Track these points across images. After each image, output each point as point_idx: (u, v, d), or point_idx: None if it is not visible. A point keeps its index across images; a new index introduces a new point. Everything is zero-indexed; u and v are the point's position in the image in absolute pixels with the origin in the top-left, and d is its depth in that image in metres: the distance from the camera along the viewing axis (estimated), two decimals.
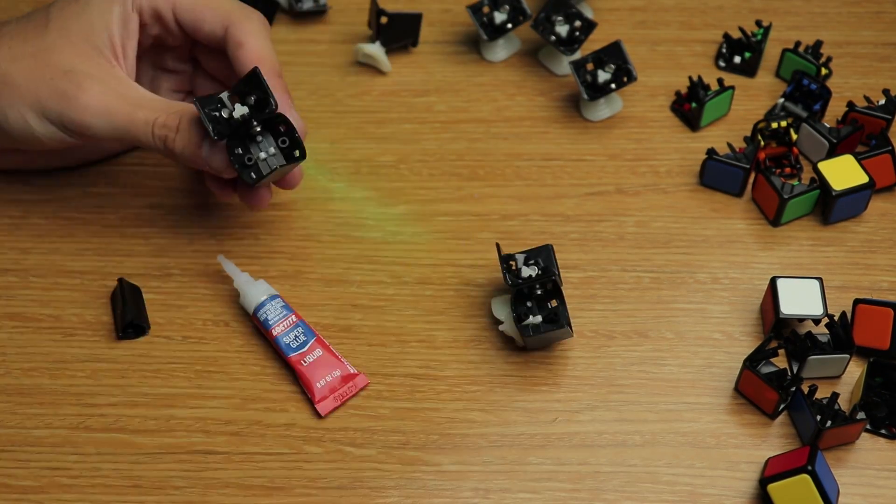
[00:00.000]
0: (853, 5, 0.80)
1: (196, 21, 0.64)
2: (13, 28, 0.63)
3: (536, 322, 0.61)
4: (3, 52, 0.62)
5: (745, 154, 0.69)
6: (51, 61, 0.61)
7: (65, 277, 0.66)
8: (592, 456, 0.60)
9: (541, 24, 0.74)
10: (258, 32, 0.63)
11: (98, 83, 0.61)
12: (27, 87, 0.61)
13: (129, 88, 0.62)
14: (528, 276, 0.61)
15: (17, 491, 0.59)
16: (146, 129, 0.60)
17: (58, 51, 0.61)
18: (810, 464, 0.56)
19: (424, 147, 0.73)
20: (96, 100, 0.60)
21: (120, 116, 0.60)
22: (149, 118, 0.60)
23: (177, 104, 0.61)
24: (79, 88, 0.60)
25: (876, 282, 0.67)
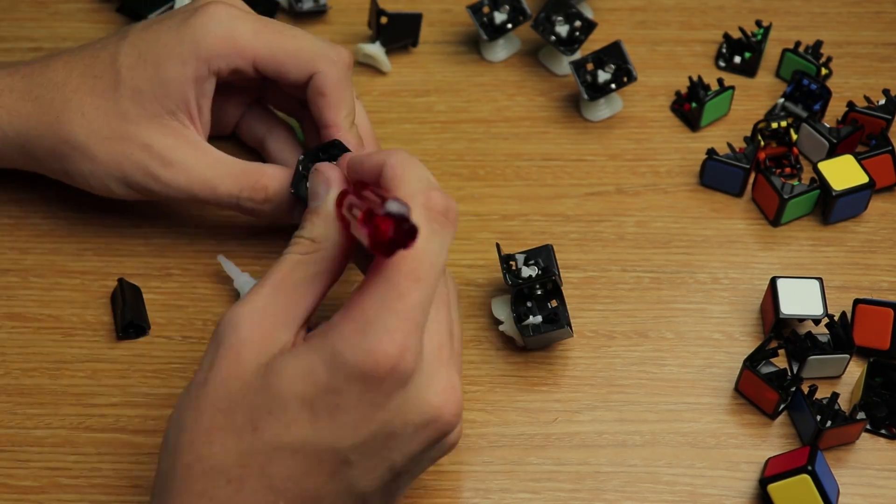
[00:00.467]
0: (853, 5, 0.80)
1: (279, 73, 0.62)
2: (79, 83, 0.62)
3: (536, 322, 0.61)
4: (75, 117, 0.61)
5: (745, 154, 0.69)
6: (128, 132, 0.61)
7: (65, 277, 0.66)
8: (592, 456, 0.60)
9: (541, 24, 0.74)
10: (339, 81, 0.61)
11: (178, 158, 0.61)
12: (108, 160, 0.61)
13: (206, 156, 0.62)
14: (528, 276, 0.61)
15: (17, 491, 0.59)
16: (231, 201, 0.62)
17: (134, 120, 0.61)
18: (810, 464, 0.56)
19: (424, 147, 0.73)
20: (178, 176, 0.61)
21: (202, 191, 0.61)
22: (232, 192, 0.61)
23: (256, 170, 0.62)
24: (161, 165, 0.61)
25: (876, 282, 0.67)
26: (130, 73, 0.61)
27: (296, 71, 0.61)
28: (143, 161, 0.61)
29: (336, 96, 0.61)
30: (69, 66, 0.63)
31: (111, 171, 0.61)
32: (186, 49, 0.60)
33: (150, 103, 0.61)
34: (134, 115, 0.61)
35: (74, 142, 0.61)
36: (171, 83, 0.60)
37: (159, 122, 0.61)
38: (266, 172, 0.62)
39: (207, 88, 0.62)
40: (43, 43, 0.78)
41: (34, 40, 0.78)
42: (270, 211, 0.62)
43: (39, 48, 0.77)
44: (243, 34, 0.61)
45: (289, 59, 0.61)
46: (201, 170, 0.61)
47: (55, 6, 0.80)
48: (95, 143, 0.61)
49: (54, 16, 0.80)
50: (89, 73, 0.62)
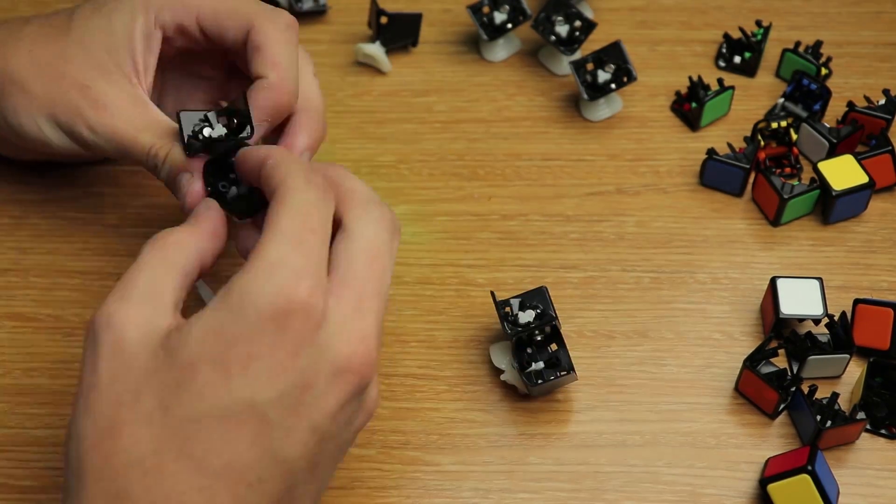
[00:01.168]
0: (853, 5, 0.80)
1: (220, 29, 0.61)
2: (35, 29, 0.62)
3: (539, 369, 0.60)
4: (23, 55, 0.61)
5: (745, 154, 0.69)
6: (69, 72, 0.60)
7: (65, 277, 0.66)
8: (592, 456, 0.60)
9: (541, 24, 0.74)
10: (279, 38, 0.59)
11: (111, 104, 0.60)
12: (43, 95, 0.61)
13: (141, 110, 0.60)
14: (526, 322, 0.60)
15: (17, 491, 0.59)
16: (142, 154, 0.59)
17: (77, 62, 0.60)
18: (810, 464, 0.56)
19: (424, 147, 0.73)
20: (106, 120, 0.60)
21: (125, 139, 0.59)
22: (146, 144, 0.59)
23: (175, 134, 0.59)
24: (93, 106, 0.60)
25: (876, 282, 0.67)
26: (83, 22, 0.61)
27: (234, 28, 0.60)
28: (76, 100, 0.60)
29: (271, 49, 0.59)
30: (27, 18, 0.64)
31: (44, 107, 0.61)
32: (137, 1, 0.60)
33: (97, 51, 0.61)
34: (80, 59, 0.61)
35: (15, 76, 0.61)
36: (118, 33, 0.60)
37: (102, 69, 0.60)
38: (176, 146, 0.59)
39: (153, 45, 0.61)
40: None
41: None
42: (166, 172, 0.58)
43: None
44: None
45: (229, 14, 0.60)
46: (129, 119, 0.59)
47: (55, 6, 0.80)
48: (34, 79, 0.61)
49: None
50: (46, 21, 0.63)
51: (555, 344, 0.60)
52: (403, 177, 0.71)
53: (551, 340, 0.60)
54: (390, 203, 0.69)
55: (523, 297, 0.61)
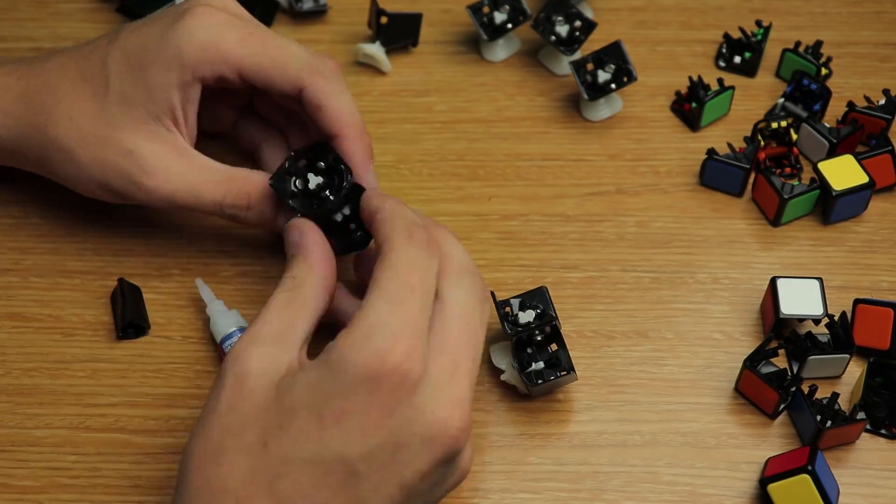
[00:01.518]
0: (853, 5, 0.80)
1: (266, 83, 0.61)
2: (71, 88, 0.62)
3: (539, 368, 0.60)
4: (64, 121, 0.61)
5: (745, 154, 0.69)
6: (112, 139, 0.61)
7: (65, 277, 0.66)
8: (592, 456, 0.60)
9: (541, 24, 0.74)
10: (334, 92, 0.61)
11: (161, 166, 0.61)
12: (92, 166, 0.61)
13: (191, 163, 0.62)
14: (526, 322, 0.60)
15: (17, 491, 0.59)
16: (214, 208, 0.62)
17: (119, 127, 0.61)
18: (810, 464, 0.56)
19: (424, 147, 0.73)
20: (160, 184, 0.61)
21: (185, 198, 0.61)
22: (215, 198, 0.61)
23: (240, 176, 0.61)
24: (143, 173, 0.61)
25: (876, 282, 0.67)
26: (118, 77, 0.61)
27: (282, 83, 0.61)
28: (125, 167, 0.61)
29: (334, 107, 0.61)
30: (63, 69, 0.63)
31: (95, 176, 0.62)
32: (170, 55, 0.60)
33: (135, 109, 0.61)
34: (120, 120, 0.61)
35: (61, 146, 0.61)
36: (156, 88, 0.60)
37: (144, 128, 0.61)
38: (251, 179, 0.61)
39: (192, 95, 0.61)
40: (43, 43, 0.78)
41: (34, 40, 0.78)
42: (254, 218, 0.62)
43: (39, 48, 0.77)
44: (228, 42, 0.60)
45: (275, 70, 0.61)
46: (184, 176, 0.61)
47: (55, 6, 0.80)
48: (81, 148, 0.61)
49: (54, 16, 0.80)
50: (80, 77, 0.62)
51: (555, 344, 0.60)
52: (403, 177, 0.71)
53: (551, 340, 0.60)
54: None
55: (523, 297, 0.61)
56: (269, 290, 0.65)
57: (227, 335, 0.62)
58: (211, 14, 0.60)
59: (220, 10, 0.61)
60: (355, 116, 0.62)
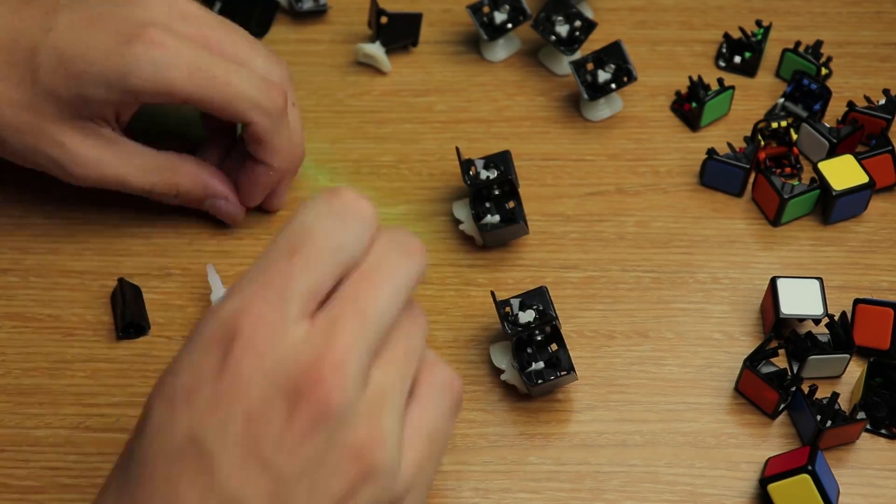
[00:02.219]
0: (853, 5, 0.80)
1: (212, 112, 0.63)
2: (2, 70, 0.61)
3: (539, 368, 0.60)
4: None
5: (745, 154, 0.69)
6: (42, 129, 0.62)
7: (65, 277, 0.66)
8: (592, 456, 0.60)
9: (541, 24, 0.74)
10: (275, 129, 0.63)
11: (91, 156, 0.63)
12: (24, 152, 0.63)
13: (121, 152, 0.64)
14: (526, 322, 0.60)
15: (17, 491, 0.59)
16: (143, 193, 0.65)
17: (48, 119, 0.61)
18: (810, 464, 0.56)
19: (424, 147, 0.73)
20: (91, 174, 0.63)
21: (118, 185, 0.64)
22: (144, 187, 0.65)
23: (168, 165, 0.65)
24: (73, 163, 0.63)
25: (876, 282, 0.67)
26: (49, 76, 0.60)
27: (229, 117, 0.63)
28: (55, 156, 0.62)
29: (271, 144, 0.64)
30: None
31: (27, 160, 0.63)
32: (114, 79, 0.59)
33: (66, 108, 0.61)
34: (48, 113, 0.61)
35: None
36: (91, 100, 0.61)
37: (73, 124, 0.62)
38: (180, 169, 0.65)
39: (130, 109, 0.64)
40: None
41: None
42: (181, 202, 0.66)
43: None
44: (176, 79, 0.59)
45: (223, 106, 0.62)
46: (114, 165, 0.63)
47: None
48: (10, 135, 0.62)
49: None
50: (8, 58, 0.60)
51: (555, 344, 0.60)
52: (403, 177, 0.71)
53: (551, 340, 0.60)
54: (390, 203, 0.70)
55: (523, 297, 0.61)
56: None
57: None
58: (161, 45, 0.59)
59: (168, 35, 0.59)
60: (289, 155, 0.66)
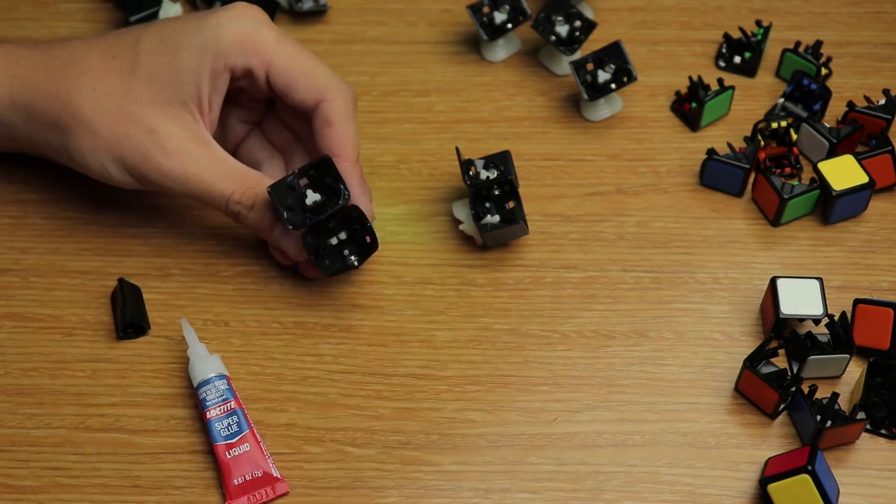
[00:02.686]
0: (853, 5, 0.80)
1: (289, 87, 0.62)
2: (98, 61, 0.62)
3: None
4: (87, 91, 0.61)
5: (745, 154, 0.69)
6: (135, 114, 0.61)
7: (65, 277, 0.66)
8: (592, 456, 0.60)
9: (541, 24, 0.74)
10: (348, 114, 0.63)
11: (180, 148, 0.61)
12: (110, 139, 0.61)
13: (209, 152, 0.62)
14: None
15: (17, 491, 0.59)
16: (221, 201, 0.62)
17: (144, 104, 0.61)
18: (810, 464, 0.56)
19: (424, 147, 0.73)
20: (177, 166, 0.61)
21: (198, 185, 0.62)
22: (225, 191, 0.62)
23: (253, 177, 0.62)
24: (161, 152, 0.61)
25: (876, 282, 0.67)
26: (149, 57, 0.61)
27: (305, 91, 0.62)
28: (144, 144, 0.61)
29: (343, 127, 0.63)
30: (89, 45, 0.63)
31: (111, 149, 0.61)
32: (207, 39, 0.61)
33: (163, 89, 0.61)
34: (146, 98, 0.61)
35: (80, 114, 0.61)
36: (187, 71, 0.61)
37: (169, 110, 0.61)
38: (262, 182, 0.62)
39: (221, 85, 0.62)
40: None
41: (34, 40, 0.78)
42: (253, 219, 0.62)
43: None
44: (265, 37, 0.62)
45: (302, 76, 0.62)
46: (200, 163, 0.61)
47: (55, 6, 0.80)
48: (101, 119, 0.61)
49: (54, 16, 0.80)
50: (109, 52, 0.62)
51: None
52: (403, 177, 0.71)
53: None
54: (390, 203, 0.70)
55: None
56: (269, 290, 0.66)
57: (203, 381, 0.60)
58: (251, 10, 0.62)
59: (260, 10, 0.63)
60: (357, 144, 0.64)
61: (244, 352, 0.64)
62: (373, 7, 0.78)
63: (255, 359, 0.63)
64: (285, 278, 0.66)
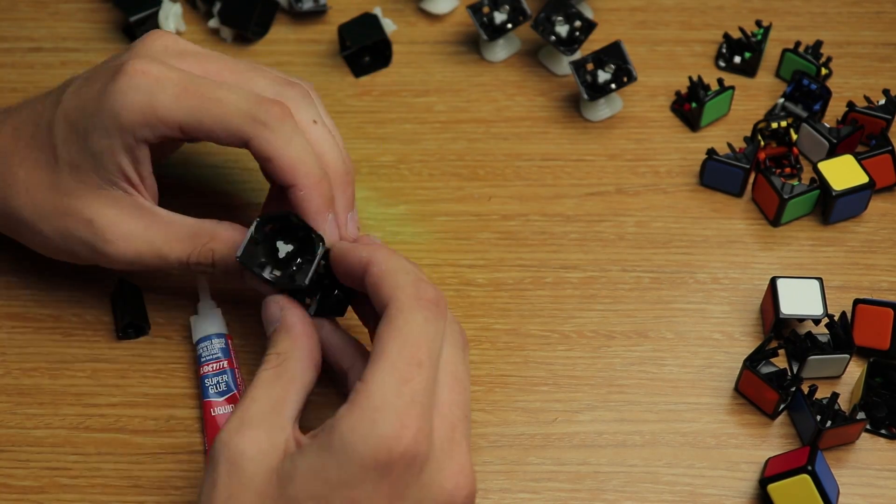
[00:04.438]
0: (853, 5, 0.80)
1: (210, 138, 0.57)
2: (25, 156, 0.60)
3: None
4: (21, 193, 0.60)
5: (745, 154, 0.69)
6: (70, 208, 0.59)
7: (65, 277, 0.66)
8: (592, 456, 0.60)
9: (541, 24, 0.74)
10: (281, 139, 0.56)
11: (121, 232, 0.59)
12: (55, 238, 0.60)
13: (153, 223, 0.59)
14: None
15: (17, 491, 0.59)
16: (181, 267, 0.59)
17: (75, 195, 0.59)
18: (810, 464, 0.56)
19: (424, 147, 0.73)
20: (123, 249, 0.59)
21: (152, 259, 0.59)
22: (181, 257, 0.59)
23: (205, 231, 0.58)
24: (104, 241, 0.59)
25: (876, 282, 0.67)
26: (65, 147, 0.59)
27: (226, 137, 0.57)
28: (86, 237, 0.59)
29: (282, 157, 0.56)
30: (17, 135, 0.61)
31: (59, 246, 0.60)
32: (108, 120, 0.57)
33: (86, 176, 0.58)
34: (74, 188, 0.59)
35: (22, 218, 0.60)
36: (102, 154, 0.58)
37: (99, 194, 0.59)
38: (216, 235, 0.58)
39: (141, 155, 0.58)
40: (43, 43, 0.78)
41: (34, 40, 0.78)
42: (220, 274, 0.59)
43: (39, 48, 0.77)
44: (163, 103, 0.56)
45: (216, 125, 0.56)
46: (146, 238, 0.59)
47: (55, 6, 0.80)
48: (40, 220, 0.60)
49: (54, 16, 0.80)
50: (33, 144, 0.60)
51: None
52: (403, 177, 0.71)
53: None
54: (390, 203, 0.70)
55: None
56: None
57: (203, 337, 0.61)
58: (144, 73, 0.56)
59: (153, 64, 0.57)
60: (308, 164, 0.56)
61: (244, 352, 0.63)
62: (372, 7, 0.78)
63: (256, 359, 0.63)
64: None
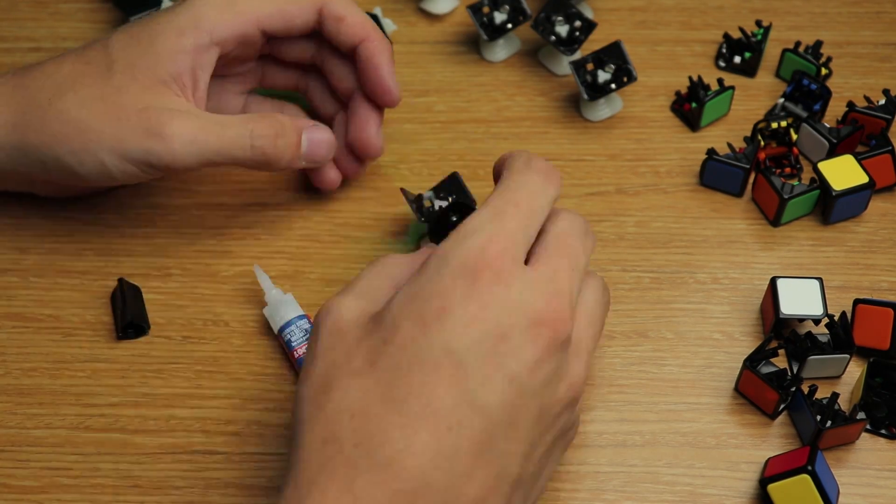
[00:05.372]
0: (853, 5, 0.80)
1: (287, 23, 0.62)
2: (72, 69, 0.60)
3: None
4: (69, 98, 0.59)
5: (745, 154, 0.69)
6: (121, 103, 0.59)
7: (65, 277, 0.66)
8: (592, 456, 0.60)
9: (541, 24, 0.74)
10: (350, 3, 0.63)
11: (177, 114, 0.59)
12: (104, 130, 0.59)
13: (206, 114, 0.61)
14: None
15: (17, 491, 0.59)
16: (243, 145, 0.60)
17: (127, 92, 0.59)
18: (810, 464, 0.56)
19: (424, 147, 0.73)
20: (183, 129, 0.59)
21: (210, 139, 0.59)
22: (241, 132, 0.60)
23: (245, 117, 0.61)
24: (160, 123, 0.59)
25: (876, 282, 0.67)
26: (123, 52, 0.60)
27: (302, 12, 0.62)
28: (140, 124, 0.59)
29: (354, 15, 0.63)
30: (59, 60, 0.62)
31: (107, 142, 0.59)
32: (184, 20, 0.60)
33: (142, 74, 0.60)
34: (127, 86, 0.59)
35: (67, 116, 0.59)
36: (163, 53, 0.60)
37: (155, 89, 0.60)
38: (264, 117, 0.62)
39: (206, 60, 0.60)
40: (43, 43, 0.78)
41: (34, 40, 0.78)
42: (283, 147, 0.61)
43: (39, 48, 0.78)
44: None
45: (290, 3, 0.62)
46: (202, 122, 0.60)
47: (55, 6, 0.80)
48: (89, 115, 0.59)
49: (54, 16, 0.80)
50: (80, 60, 0.61)
51: None
52: (403, 177, 0.71)
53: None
54: (390, 203, 0.70)
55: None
56: None
57: (287, 322, 0.62)
58: None
59: None
60: (372, 21, 0.64)
61: (244, 352, 0.64)
62: (372, 7, 0.78)
63: (255, 359, 0.63)
64: (286, 278, 0.66)
